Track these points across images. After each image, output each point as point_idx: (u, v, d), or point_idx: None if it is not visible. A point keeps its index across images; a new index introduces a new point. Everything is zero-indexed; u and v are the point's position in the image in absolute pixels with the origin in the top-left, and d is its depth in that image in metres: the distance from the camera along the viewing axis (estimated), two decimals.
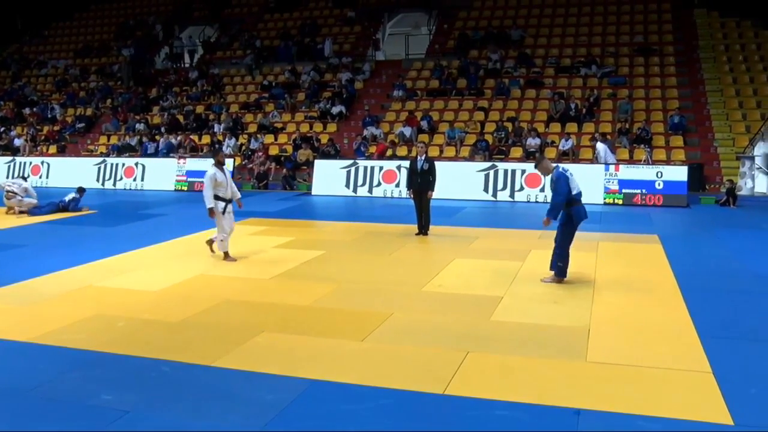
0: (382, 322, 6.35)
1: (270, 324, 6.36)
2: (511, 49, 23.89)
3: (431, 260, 9.13)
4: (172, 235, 11.16)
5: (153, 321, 6.45)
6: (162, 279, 8.13)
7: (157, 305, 7.02)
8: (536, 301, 7.12)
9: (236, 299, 7.23)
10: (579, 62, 22.48)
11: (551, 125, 20.06)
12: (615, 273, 8.46)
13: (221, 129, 22.73)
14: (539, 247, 10.03)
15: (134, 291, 7.59)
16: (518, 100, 21.61)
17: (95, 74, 29.03)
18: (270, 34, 28.62)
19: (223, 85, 26.20)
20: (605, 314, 6.64)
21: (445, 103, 22.24)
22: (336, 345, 5.77)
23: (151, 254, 9.75)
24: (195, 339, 5.96)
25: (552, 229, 11.80)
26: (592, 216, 13.26)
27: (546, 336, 5.98)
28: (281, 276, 8.29)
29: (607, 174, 15.54)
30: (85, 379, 5.09)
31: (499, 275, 8.25)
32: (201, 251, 9.87)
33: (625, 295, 7.38)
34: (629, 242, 10.54)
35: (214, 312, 6.78)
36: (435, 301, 7.10)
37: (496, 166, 16.49)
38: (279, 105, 23.85)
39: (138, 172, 19.63)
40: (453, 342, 5.83)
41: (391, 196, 16.88)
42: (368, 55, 26.70)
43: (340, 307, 6.89)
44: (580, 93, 21.12)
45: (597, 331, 6.11)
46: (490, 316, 6.58)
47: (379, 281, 7.99)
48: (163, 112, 24.69)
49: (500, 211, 14.80)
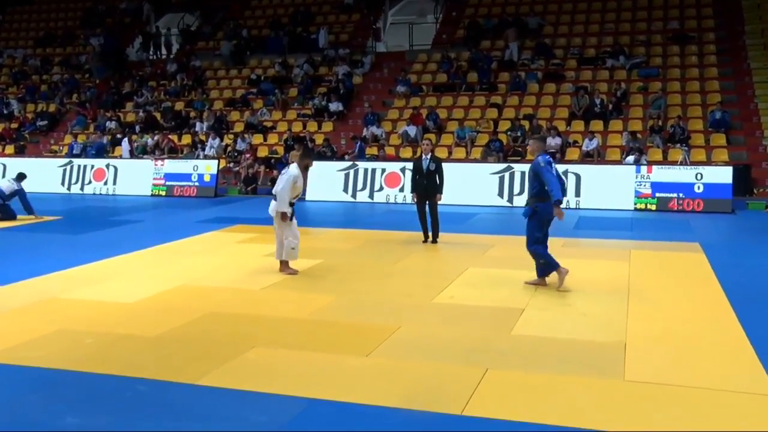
0: (388, 336, 6.31)
1: (262, 338, 6.31)
2: (528, 38, 23.95)
3: (441, 270, 9.13)
4: (149, 243, 11.11)
5: (127, 336, 6.38)
6: (137, 290, 8.07)
7: (131, 318, 6.95)
8: (562, 314, 7.08)
9: (223, 311, 7.20)
10: (605, 52, 22.54)
11: (573, 123, 20.07)
12: (652, 283, 8.43)
13: (204, 128, 22.75)
14: (564, 256, 9.82)
15: (105, 303, 7.53)
16: (536, 95, 21.63)
17: (59, 66, 29.06)
18: (258, 23, 28.73)
19: (206, 80, 26.26)
20: (644, 328, 6.59)
21: (453, 100, 22.27)
22: (337, 361, 5.71)
23: (124, 263, 9.69)
24: (176, 355, 5.89)
25: (579, 235, 12.00)
26: (622, 223, 13.49)
27: (576, 352, 5.92)
28: (273, 287, 8.28)
29: (639, 176, 15.50)
30: (47, 400, 4.99)
31: (518, 286, 8.22)
32: (182, 260, 9.82)
33: (667, 308, 7.34)
34: (666, 251, 10.50)
35: (199, 325, 6.73)
36: (447, 314, 7.09)
37: (512, 167, 16.47)
38: (268, 101, 23.88)
39: (109, 174, 19.61)
40: (469, 357, 5.78)
41: (395, 201, 16.84)
42: (368, 47, 26.80)
43: (340, 320, 6.86)
44: (606, 87, 21.14)
45: (635, 346, 6.04)
46: (510, 329, 6.55)
47: (384, 292, 8.00)
48: (138, 108, 24.72)
49: (517, 218, 14.36)
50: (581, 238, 11.86)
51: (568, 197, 15.59)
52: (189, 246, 11.07)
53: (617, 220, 13.91)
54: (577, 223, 13.51)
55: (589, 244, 11.41)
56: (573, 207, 15.47)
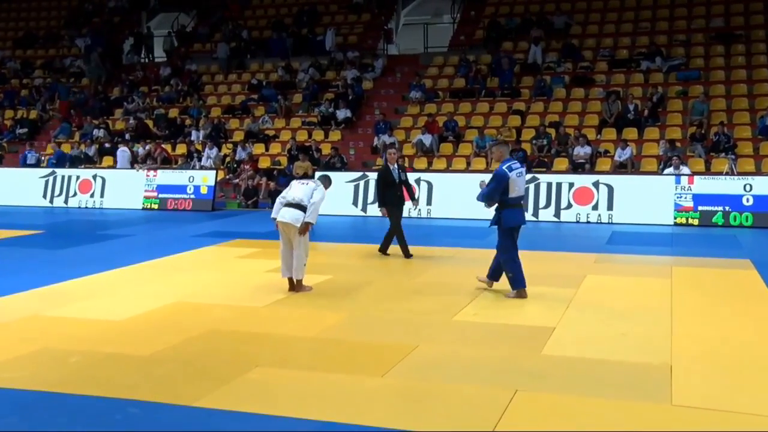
0: (405, 356, 6.30)
1: (265, 357, 6.31)
2: (553, 39, 23.99)
3: (462, 286, 9.12)
4: (139, 258, 11.13)
5: (116, 355, 6.37)
6: (127, 307, 8.08)
7: (121, 337, 6.95)
8: (599, 333, 7.06)
9: (222, 329, 7.20)
10: (639, 54, 22.50)
11: (604, 131, 20.02)
12: (698, 301, 8.41)
13: (200, 137, 22.83)
14: (597, 272, 10.05)
15: (91, 321, 7.53)
16: (563, 101, 21.64)
17: (41, 69, 29.25)
18: (260, 23, 28.92)
19: (202, 85, 26.41)
20: (692, 349, 6.55)
21: (472, 106, 22.29)
22: (350, 381, 5.69)
23: (112, 279, 9.70)
24: (171, 375, 5.87)
25: (612, 251, 11.94)
26: (660, 238, 13.41)
27: (616, 373, 5.88)
28: (278, 303, 8.31)
29: (679, 188, 15.39)
30: (27, 424, 4.96)
31: (548, 303, 8.25)
32: (177, 276, 9.79)
33: (715, 328, 7.30)
34: (713, 267, 10.44)
35: (195, 344, 6.72)
36: (470, 332, 7.13)
37: (538, 178, 16.42)
38: (270, 108, 23.95)
39: (96, 186, 19.64)
40: (496, 378, 5.75)
41: (408, 215, 16.76)
42: (379, 49, 26.90)
43: (352, 339, 6.89)
44: (640, 91, 21.10)
45: (682, 368, 5.99)
46: (540, 349, 6.55)
47: (400, 309, 8.03)
48: (128, 115, 24.85)
49: (543, 232, 14.75)
50: (615, 254, 11.81)
51: (600, 211, 15.50)
52: (184, 261, 11.07)
53: (655, 235, 13.84)
54: (611, 238, 13.47)
55: (625, 260, 11.34)
56: (606, 221, 15.38)
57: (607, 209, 15.61)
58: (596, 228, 14.92)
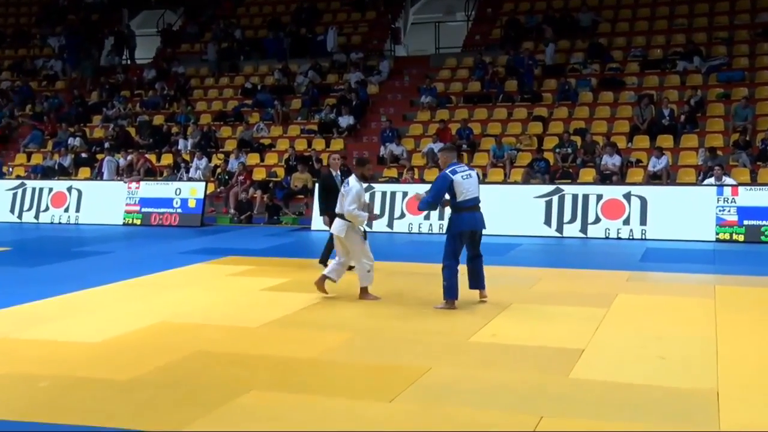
0: (416, 379, 6.29)
1: (261, 380, 6.32)
2: (579, 39, 24.03)
3: (479, 305, 9.18)
4: (119, 276, 11.12)
5: (92, 379, 6.35)
6: (106, 327, 8.08)
7: (98, 359, 6.95)
8: (634, 356, 7.04)
9: (213, 351, 7.21)
10: (675, 53, 22.50)
11: (636, 139, 19.98)
12: (745, 323, 8.40)
13: (188, 146, 22.86)
14: (630, 291, 10.03)
15: (64, 343, 7.53)
16: (589, 105, 21.64)
17: (9, 71, 29.34)
18: (254, 22, 29.08)
19: (191, 89, 26.51)
20: (740, 374, 6.53)
21: (489, 112, 22.32)
22: (353, 406, 5.68)
23: (88, 298, 9.71)
24: (154, 401, 5.86)
25: (647, 269, 11.89)
26: (701, 255, 13.36)
27: (655, 399, 5.84)
28: (274, 323, 8.35)
29: (721, 200, 15.32)
30: None
31: (575, 323, 8.27)
32: (161, 294, 9.78)
33: (766, 351, 7.29)
34: (762, 287, 10.39)
35: (182, 366, 6.72)
36: (488, 354, 7.16)
37: (562, 190, 16.37)
38: (266, 115, 24.00)
39: (71, 200, 19.63)
40: (519, 403, 5.74)
41: (419, 231, 16.76)
42: (385, 50, 26.98)
43: (357, 361, 6.92)
44: (676, 95, 21.09)
45: (730, 395, 5.95)
46: (567, 372, 6.53)
47: (410, 329, 8.05)
48: (108, 123, 24.92)
49: (568, 249, 14.72)
50: (650, 272, 11.78)
51: (632, 225, 15.45)
52: (169, 279, 11.08)
53: (695, 252, 13.78)
54: (645, 255, 13.43)
55: (662, 278, 11.32)
56: (638, 237, 15.30)
57: (640, 224, 15.52)
58: (628, 244, 14.86)
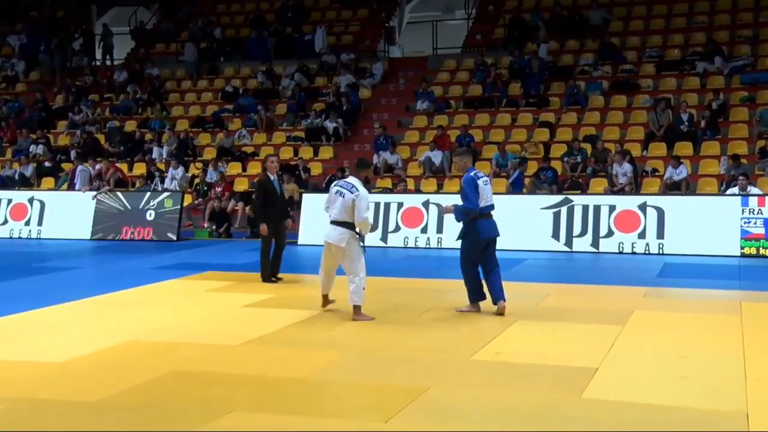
0: (414, 399, 6.27)
1: (243, 401, 6.31)
2: (589, 38, 24.15)
3: (481, 322, 9.23)
4: (87, 292, 11.11)
5: (55, 402, 6.33)
6: (70, 346, 8.05)
7: (61, 380, 6.93)
8: (652, 375, 7.05)
9: (190, 370, 7.20)
10: (695, 53, 22.64)
11: (651, 146, 20.06)
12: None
13: (163, 154, 22.89)
14: (647, 307, 10.04)
15: (24, 363, 7.51)
16: (600, 110, 21.76)
17: None
18: (236, 20, 29.21)
19: (166, 92, 26.56)
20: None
21: (491, 118, 22.43)
22: (346, 427, 5.67)
23: (52, 316, 9.69)
24: (123, 424, 5.83)
25: (666, 285, 11.89)
26: (725, 271, 13.36)
27: (676, 421, 5.84)
28: (257, 341, 8.34)
29: (746, 211, 15.35)
30: None
31: (587, 341, 8.31)
32: (133, 312, 9.76)
33: None
34: None
35: (156, 387, 6.70)
36: (492, 373, 7.18)
37: (571, 200, 16.36)
38: (249, 121, 24.05)
39: (33, 212, 19.56)
40: (527, 424, 5.74)
41: (415, 245, 16.73)
42: (378, 51, 27.08)
43: (348, 380, 6.93)
44: (696, 98, 21.20)
45: (762, 418, 5.94)
46: (580, 392, 6.52)
47: (405, 347, 8.08)
48: (74, 129, 24.91)
49: (579, 264, 14.74)
50: (669, 287, 11.80)
51: (648, 239, 15.45)
52: (142, 295, 11.05)
53: (718, 267, 13.78)
54: (663, 270, 13.43)
55: (682, 294, 11.34)
56: (655, 252, 15.30)
57: (657, 237, 15.52)
58: (644, 259, 14.86)
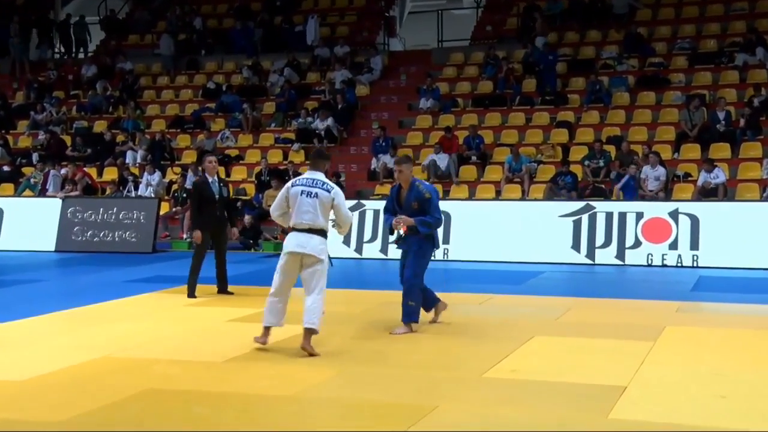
0: (421, 418, 6.29)
1: (227, 421, 6.33)
2: (612, 28, 24.22)
3: (494, 338, 9.30)
4: (52, 307, 11.18)
5: (16, 421, 6.37)
6: (33, 363, 8.11)
7: (24, 399, 6.98)
8: (687, 394, 7.09)
9: (168, 389, 7.24)
10: (733, 44, 22.68)
11: (684, 148, 20.06)
12: None
13: (137, 158, 22.90)
14: (680, 323, 10.11)
15: None
16: (626, 109, 21.78)
17: None
18: (218, 9, 29.35)
19: (140, 89, 26.60)
20: None
21: (503, 117, 22.47)
22: None
23: (12, 331, 9.77)
24: None
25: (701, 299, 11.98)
26: (756, 284, 13.36)
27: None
28: (243, 357, 8.40)
29: None
30: None
31: (613, 358, 8.37)
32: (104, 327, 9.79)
33: None
34: None
35: (131, 405, 6.73)
36: (507, 391, 7.23)
37: (593, 207, 16.37)
38: (233, 121, 24.08)
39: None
40: None
41: None
42: (377, 44, 27.12)
43: (347, 398, 7.00)
44: (734, 94, 21.23)
45: None
46: (607, 412, 6.53)
47: (410, 364, 8.16)
48: (37, 129, 24.93)
49: (602, 278, 14.77)
50: (705, 302, 11.88)
51: (680, 250, 15.45)
52: (114, 310, 11.10)
53: (760, 281, 13.85)
54: (697, 284, 13.50)
55: (719, 309, 11.40)
56: (689, 264, 15.30)
57: (691, 248, 15.52)
58: (676, 272, 14.91)
